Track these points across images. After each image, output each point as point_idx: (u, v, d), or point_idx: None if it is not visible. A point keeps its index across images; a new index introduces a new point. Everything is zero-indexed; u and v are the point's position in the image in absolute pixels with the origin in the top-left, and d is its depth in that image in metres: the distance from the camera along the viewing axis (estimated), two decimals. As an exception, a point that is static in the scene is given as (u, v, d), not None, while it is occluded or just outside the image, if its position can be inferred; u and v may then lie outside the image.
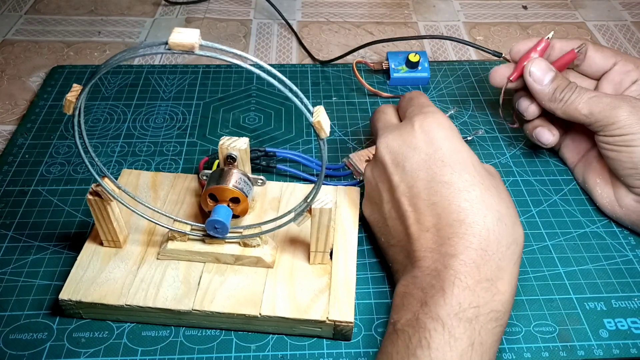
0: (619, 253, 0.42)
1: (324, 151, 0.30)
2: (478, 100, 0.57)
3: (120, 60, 0.28)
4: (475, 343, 0.29)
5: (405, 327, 0.31)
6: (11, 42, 0.66)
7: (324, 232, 0.36)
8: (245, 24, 0.71)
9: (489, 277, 0.32)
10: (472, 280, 0.31)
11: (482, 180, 0.35)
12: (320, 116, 0.29)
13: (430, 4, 0.76)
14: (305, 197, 0.35)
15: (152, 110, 0.55)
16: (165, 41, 0.26)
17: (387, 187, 0.38)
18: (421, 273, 0.33)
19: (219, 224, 0.36)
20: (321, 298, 0.36)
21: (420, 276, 0.33)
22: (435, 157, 0.36)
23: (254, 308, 0.36)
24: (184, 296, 0.36)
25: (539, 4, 0.76)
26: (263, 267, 0.38)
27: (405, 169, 0.37)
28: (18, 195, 0.46)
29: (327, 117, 0.29)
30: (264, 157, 0.47)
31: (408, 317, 0.31)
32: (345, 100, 0.57)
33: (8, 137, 0.52)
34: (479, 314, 0.30)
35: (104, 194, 0.35)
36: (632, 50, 0.67)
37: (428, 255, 0.33)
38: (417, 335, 0.30)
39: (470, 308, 0.30)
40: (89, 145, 0.33)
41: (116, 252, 0.39)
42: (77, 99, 0.30)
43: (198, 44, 0.26)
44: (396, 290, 0.34)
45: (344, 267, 0.38)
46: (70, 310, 0.37)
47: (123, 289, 0.36)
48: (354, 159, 0.47)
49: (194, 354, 0.36)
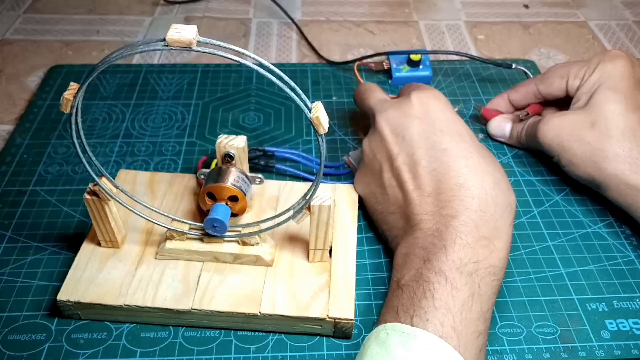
0: (620, 253, 0.42)
1: (323, 147, 0.30)
2: (479, 100, 0.57)
3: (117, 57, 0.28)
4: (475, 294, 0.32)
5: (409, 282, 0.33)
6: (9, 41, 0.65)
7: (323, 229, 0.36)
8: (245, 23, 0.70)
9: (487, 235, 0.34)
10: (471, 239, 0.34)
11: (477, 149, 0.38)
12: (319, 112, 0.29)
13: (431, 2, 0.76)
14: (303, 195, 0.35)
15: (151, 110, 0.55)
16: (163, 38, 0.26)
17: (387, 157, 0.40)
18: (422, 234, 0.35)
19: (217, 223, 0.36)
20: (321, 295, 0.36)
21: (421, 237, 0.35)
22: (434, 127, 0.39)
23: (253, 306, 0.35)
24: (183, 295, 0.36)
25: (541, 3, 0.76)
26: (262, 266, 0.38)
27: (405, 138, 0.39)
28: (16, 196, 0.45)
29: (325, 113, 0.29)
30: (263, 156, 0.47)
31: (412, 273, 0.33)
32: (345, 99, 0.57)
33: (6, 137, 0.52)
34: (478, 268, 0.33)
35: (102, 194, 0.35)
36: (633, 50, 0.67)
37: (429, 218, 0.36)
38: (421, 288, 0.32)
39: (470, 263, 0.33)
40: (87, 144, 0.33)
41: (114, 252, 0.38)
42: (74, 97, 0.29)
43: (196, 40, 0.26)
44: (397, 252, 0.36)
45: (343, 264, 0.38)
46: (68, 311, 0.36)
47: (122, 289, 0.36)
48: (353, 158, 0.47)
49: (193, 355, 0.36)
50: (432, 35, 0.69)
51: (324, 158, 0.31)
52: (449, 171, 0.36)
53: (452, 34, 0.69)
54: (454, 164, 0.36)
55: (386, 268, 0.41)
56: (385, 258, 0.41)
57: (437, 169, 0.37)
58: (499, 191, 0.36)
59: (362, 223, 0.43)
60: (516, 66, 0.55)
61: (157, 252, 0.38)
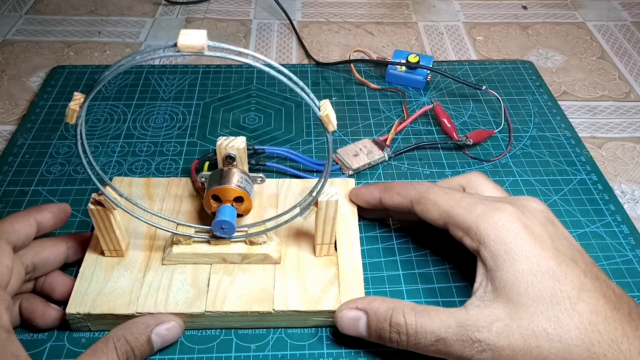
0: (618, 253, 0.42)
1: (331, 144, 0.31)
2: (478, 100, 0.57)
3: (128, 64, 0.27)
4: None
5: None
6: (11, 42, 0.66)
7: (330, 224, 0.36)
8: (245, 24, 0.71)
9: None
10: None
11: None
12: (328, 110, 0.29)
13: (430, 4, 0.76)
14: (310, 191, 0.35)
15: (152, 110, 0.55)
16: (174, 43, 0.26)
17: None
18: None
19: (225, 224, 0.36)
20: (331, 289, 0.37)
21: None
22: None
23: (266, 304, 0.36)
24: (195, 299, 0.36)
25: (539, 4, 0.76)
26: (270, 264, 0.38)
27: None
28: (18, 196, 0.46)
29: (333, 111, 0.30)
30: (253, 154, 0.47)
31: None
32: (345, 100, 0.57)
33: (8, 137, 0.52)
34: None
35: (107, 203, 0.34)
36: (632, 51, 0.67)
37: None
38: None
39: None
40: (91, 155, 0.32)
41: (119, 260, 0.38)
42: (80, 107, 0.29)
43: (207, 45, 0.26)
44: None
45: (349, 257, 0.39)
46: (77, 324, 0.36)
47: (132, 298, 0.36)
48: (342, 154, 0.49)
49: (194, 354, 0.36)
50: (431, 37, 0.69)
51: (332, 155, 0.31)
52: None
53: (451, 35, 0.69)
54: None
55: (385, 267, 0.41)
56: (384, 257, 0.42)
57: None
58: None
59: (361, 223, 0.44)
60: (486, 88, 0.54)
61: (164, 257, 0.38)
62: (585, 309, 0.30)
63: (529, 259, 0.31)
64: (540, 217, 0.34)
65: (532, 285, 0.30)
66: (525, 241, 0.32)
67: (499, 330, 0.30)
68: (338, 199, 0.35)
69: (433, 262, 0.41)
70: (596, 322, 0.29)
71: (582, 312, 0.30)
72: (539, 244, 0.32)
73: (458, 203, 0.35)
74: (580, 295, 0.30)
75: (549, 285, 0.30)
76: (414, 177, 0.49)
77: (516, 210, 0.33)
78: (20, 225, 0.35)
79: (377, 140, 0.50)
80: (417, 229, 0.43)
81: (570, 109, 0.58)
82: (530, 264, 0.31)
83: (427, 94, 0.58)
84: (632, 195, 0.49)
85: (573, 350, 0.29)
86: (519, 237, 0.32)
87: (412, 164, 0.50)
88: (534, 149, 0.51)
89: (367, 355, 0.36)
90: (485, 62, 0.63)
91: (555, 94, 0.59)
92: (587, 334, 0.29)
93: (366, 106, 0.56)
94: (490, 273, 0.32)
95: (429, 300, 0.39)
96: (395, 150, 0.50)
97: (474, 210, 0.34)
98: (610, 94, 0.60)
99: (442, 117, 0.52)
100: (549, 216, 0.35)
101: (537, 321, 0.30)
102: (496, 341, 0.30)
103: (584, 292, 0.30)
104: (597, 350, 0.29)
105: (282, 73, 0.28)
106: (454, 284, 0.40)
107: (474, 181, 0.39)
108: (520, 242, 0.32)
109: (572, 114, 0.57)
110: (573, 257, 0.32)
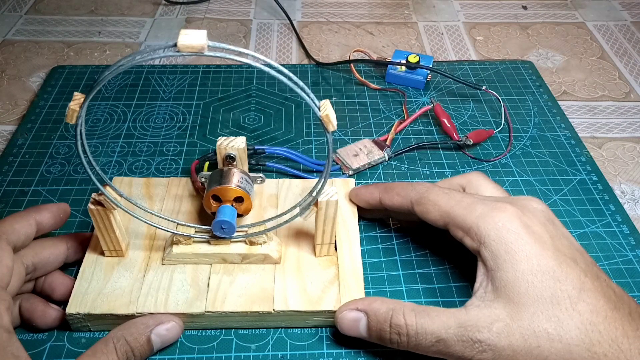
0: (618, 253, 0.42)
1: (331, 144, 0.31)
2: (478, 100, 0.57)
3: (128, 64, 0.27)
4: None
5: None
6: (11, 42, 0.66)
7: (330, 224, 0.36)
8: (245, 24, 0.71)
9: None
10: None
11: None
12: (328, 110, 0.29)
13: (430, 4, 0.76)
14: (310, 191, 0.35)
15: (152, 110, 0.55)
16: (174, 43, 0.26)
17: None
18: None
19: (225, 225, 0.36)
20: (331, 289, 0.37)
21: None
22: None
23: (267, 304, 0.36)
24: (195, 299, 0.36)
25: (539, 4, 0.76)
26: (270, 264, 0.38)
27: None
28: (18, 196, 0.46)
29: (333, 111, 0.30)
30: (253, 154, 0.47)
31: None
32: (345, 100, 0.57)
33: (8, 137, 0.52)
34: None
35: (107, 203, 0.34)
36: (632, 51, 0.67)
37: None
38: None
39: None
40: (91, 155, 0.32)
41: (119, 260, 0.38)
42: (80, 107, 0.29)
43: (207, 45, 0.26)
44: None
45: (349, 256, 0.39)
46: (77, 324, 0.36)
47: (132, 298, 0.36)
48: (342, 154, 0.49)
49: (194, 354, 0.36)
50: (431, 37, 0.69)
51: (332, 155, 0.31)
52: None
53: (451, 35, 0.69)
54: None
55: (385, 267, 0.41)
56: (384, 257, 0.42)
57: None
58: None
59: (361, 223, 0.44)
60: (486, 88, 0.54)
61: (164, 257, 0.38)
62: (586, 308, 0.30)
63: (530, 259, 0.31)
64: (541, 217, 0.34)
65: (533, 285, 0.30)
66: (526, 241, 0.32)
67: (500, 330, 0.30)
68: (338, 199, 0.35)
69: (433, 262, 0.41)
70: (596, 322, 0.29)
71: (583, 312, 0.30)
72: (539, 244, 0.32)
73: (458, 203, 0.35)
74: (580, 295, 0.30)
75: (550, 285, 0.30)
76: (414, 177, 0.49)
77: (516, 210, 0.33)
78: (20, 226, 0.35)
79: (377, 140, 0.50)
80: (417, 229, 0.43)
81: (570, 109, 0.58)
82: (530, 264, 0.31)
83: (427, 94, 0.58)
84: (632, 195, 0.49)
85: (573, 350, 0.29)
86: (520, 237, 0.32)
87: (412, 164, 0.50)
88: (534, 149, 0.51)
89: (367, 355, 0.36)
90: (485, 62, 0.63)
91: (555, 94, 0.59)
92: (587, 334, 0.29)
93: (366, 106, 0.56)
94: (490, 273, 0.32)
95: (429, 300, 0.39)
96: (395, 150, 0.50)
97: (474, 211, 0.34)
98: (610, 94, 0.60)
99: (442, 117, 0.52)
100: (549, 216, 0.35)
101: (538, 321, 0.30)
102: (497, 341, 0.30)
103: (585, 292, 0.30)
104: (597, 350, 0.29)
105: (282, 73, 0.28)
106: (454, 284, 0.40)
107: (474, 181, 0.39)
108: (521, 242, 0.32)
109: (572, 114, 0.57)
110: (573, 257, 0.32)
